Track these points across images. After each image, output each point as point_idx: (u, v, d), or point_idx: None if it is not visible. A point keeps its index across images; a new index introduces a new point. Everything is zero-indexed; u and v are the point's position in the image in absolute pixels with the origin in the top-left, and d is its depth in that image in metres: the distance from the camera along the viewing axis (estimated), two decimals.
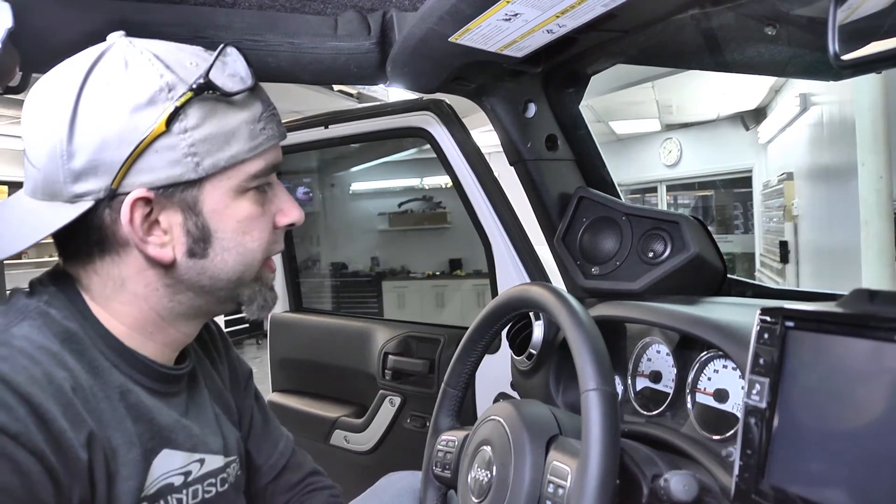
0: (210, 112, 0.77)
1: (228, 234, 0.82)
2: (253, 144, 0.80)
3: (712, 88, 6.78)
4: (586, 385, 0.76)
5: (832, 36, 0.71)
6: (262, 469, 1.12)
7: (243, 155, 0.80)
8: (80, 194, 0.75)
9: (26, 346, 0.72)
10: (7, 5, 0.81)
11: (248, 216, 0.83)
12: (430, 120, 1.75)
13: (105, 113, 0.73)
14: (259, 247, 0.85)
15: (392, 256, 8.63)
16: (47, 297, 0.79)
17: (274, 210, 0.87)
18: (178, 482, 0.84)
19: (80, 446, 0.70)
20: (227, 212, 0.81)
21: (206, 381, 0.99)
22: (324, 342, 2.34)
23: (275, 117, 0.85)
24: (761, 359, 0.76)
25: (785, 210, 6.43)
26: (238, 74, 0.80)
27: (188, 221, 0.79)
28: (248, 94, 0.80)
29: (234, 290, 0.87)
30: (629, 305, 1.17)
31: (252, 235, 0.84)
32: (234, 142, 0.79)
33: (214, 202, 0.80)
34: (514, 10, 0.88)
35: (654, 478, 0.85)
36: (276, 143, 0.85)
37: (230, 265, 0.84)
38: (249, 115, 0.81)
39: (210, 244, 0.82)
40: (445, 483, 1.06)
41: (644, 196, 10.02)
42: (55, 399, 0.69)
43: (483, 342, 1.07)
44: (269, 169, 0.84)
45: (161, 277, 0.82)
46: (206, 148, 0.76)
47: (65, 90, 0.74)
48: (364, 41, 1.16)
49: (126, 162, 0.73)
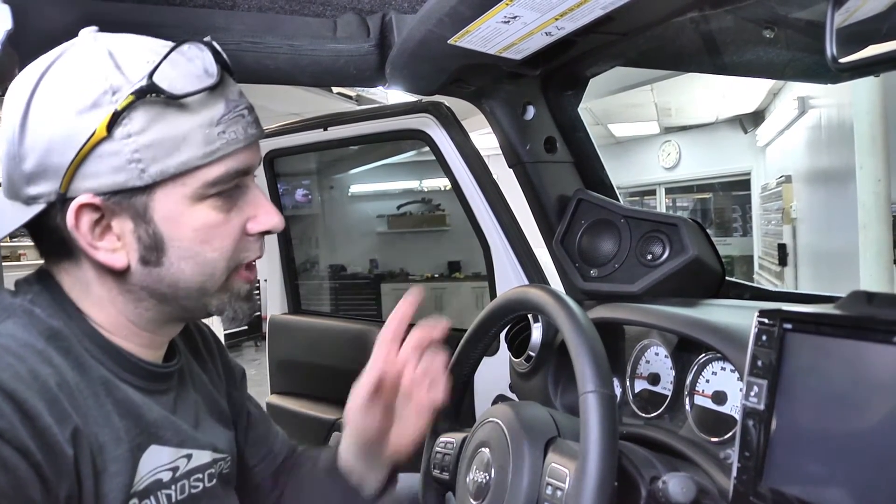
0: (157, 116, 0.72)
1: (185, 243, 0.78)
2: (208, 150, 0.75)
3: (711, 91, 6.79)
4: (585, 387, 0.76)
5: (830, 39, 0.71)
6: (262, 464, 1.12)
7: (196, 161, 0.75)
8: (33, 196, 0.74)
9: (11, 344, 0.71)
10: (6, 7, 0.81)
11: (207, 224, 0.79)
12: (429, 122, 1.75)
13: (52, 115, 0.71)
14: (221, 256, 0.81)
15: (391, 258, 8.62)
16: (31, 296, 0.79)
17: (244, 216, 0.82)
18: (167, 478, 0.83)
19: (66, 442, 0.70)
20: (183, 219, 0.77)
21: (195, 381, 0.98)
22: (323, 344, 2.33)
23: (242, 118, 0.78)
24: (759, 361, 0.76)
25: (783, 213, 6.44)
26: (195, 73, 0.75)
27: (139, 229, 0.76)
28: (207, 95, 0.75)
29: (200, 300, 0.83)
30: (628, 308, 1.17)
31: (212, 244, 0.80)
32: (184, 147, 0.74)
33: (167, 209, 0.76)
34: (514, 12, 0.88)
35: (652, 480, 0.85)
36: (242, 148, 0.78)
37: (188, 274, 0.80)
38: (205, 118, 0.75)
39: (164, 252, 0.78)
40: (444, 485, 1.06)
41: (643, 199, 10.03)
42: (40, 395, 0.69)
43: (482, 344, 1.07)
44: (232, 175, 0.78)
45: (119, 284, 0.80)
46: (151, 154, 0.72)
47: (21, 90, 0.73)
48: (363, 43, 1.16)
49: (70, 167, 0.71)
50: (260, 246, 0.86)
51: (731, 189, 9.36)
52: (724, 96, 7.12)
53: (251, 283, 0.87)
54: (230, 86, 0.79)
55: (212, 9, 1.09)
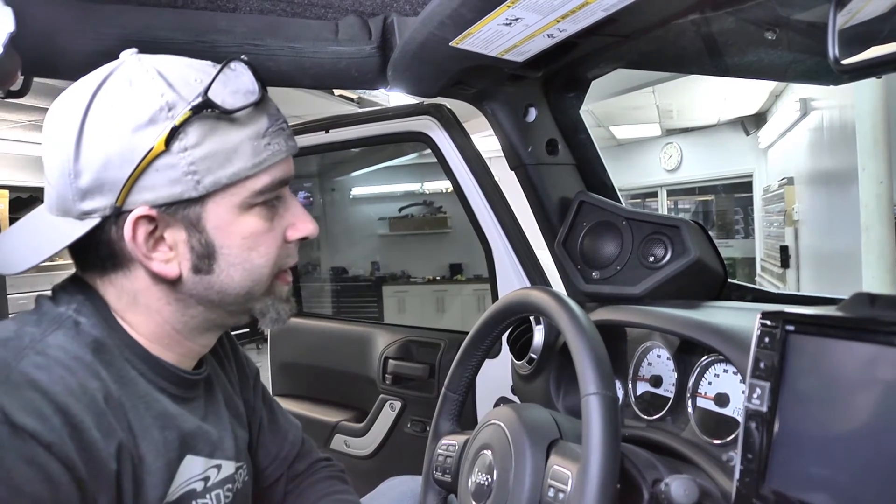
0: (210, 130, 0.76)
1: (234, 251, 0.82)
2: (256, 161, 0.79)
3: (713, 93, 6.78)
4: (587, 389, 0.76)
5: (832, 40, 0.71)
6: (272, 465, 1.13)
7: (246, 172, 0.79)
8: (87, 211, 0.76)
9: (61, 356, 0.73)
10: (9, 9, 0.81)
11: (255, 232, 0.82)
12: (431, 124, 1.75)
13: (108, 132, 0.74)
14: (267, 262, 0.85)
15: (392, 261, 8.63)
16: (76, 305, 0.80)
17: (285, 224, 0.86)
18: (200, 488, 0.86)
19: (110, 457, 0.72)
20: (232, 228, 0.81)
21: (219, 385, 1.00)
22: (324, 347, 2.33)
23: (283, 132, 0.83)
24: (762, 363, 0.76)
25: (785, 215, 6.43)
26: (243, 90, 0.79)
27: (192, 238, 0.79)
28: (253, 110, 0.79)
29: (245, 304, 0.87)
30: (630, 310, 1.17)
31: (259, 251, 0.84)
32: (235, 159, 0.78)
33: (218, 219, 0.80)
34: (515, 14, 0.88)
35: (654, 482, 0.85)
36: (284, 159, 0.83)
37: (237, 280, 0.83)
38: (253, 131, 0.79)
39: (215, 260, 0.81)
40: (446, 487, 1.05)
41: (644, 201, 10.02)
42: (89, 409, 0.71)
43: (483, 346, 1.07)
44: (276, 184, 0.83)
45: (170, 293, 0.82)
46: (206, 166, 0.76)
47: (73, 109, 0.75)
48: (365, 45, 1.16)
49: (128, 181, 0.74)
50: (297, 251, 0.91)
51: (733, 191, 9.35)
52: (725, 98, 7.11)
53: (290, 285, 0.92)
54: (269, 102, 0.83)
55: (213, 11, 1.09)
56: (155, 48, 0.82)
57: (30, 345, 0.73)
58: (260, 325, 0.90)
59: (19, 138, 6.68)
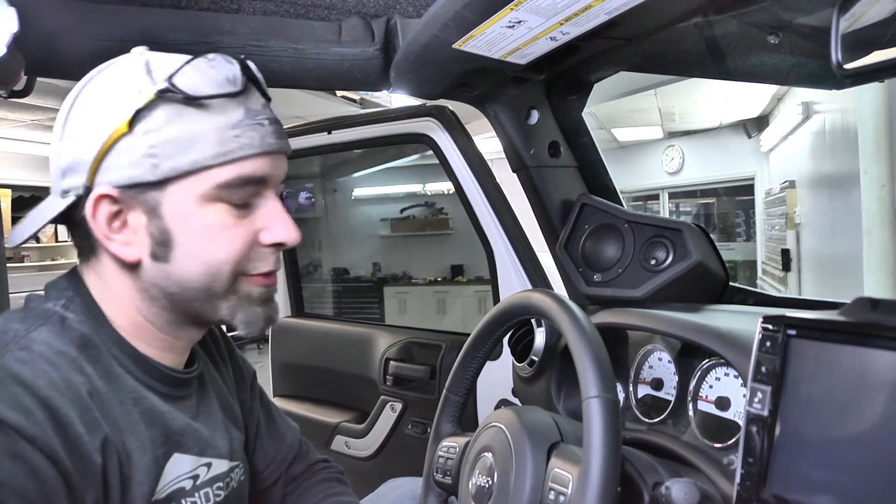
0: (176, 116, 0.76)
1: (191, 242, 0.79)
2: (219, 151, 0.77)
3: (715, 96, 6.78)
4: (588, 392, 0.76)
5: (835, 45, 0.71)
6: (269, 468, 1.12)
7: (207, 161, 0.76)
8: (66, 190, 0.79)
9: (45, 351, 0.73)
10: (13, 10, 0.81)
11: (215, 225, 0.79)
12: (433, 126, 1.76)
13: (87, 114, 0.77)
14: (226, 258, 0.80)
15: (394, 262, 8.63)
16: (64, 301, 0.81)
17: (258, 225, 0.83)
18: (189, 486, 0.85)
19: (95, 451, 0.71)
20: (191, 219, 0.79)
21: (214, 385, 0.99)
22: (325, 347, 2.34)
23: (260, 127, 0.80)
24: (763, 367, 0.76)
25: (787, 218, 6.43)
26: (219, 80, 0.77)
27: (151, 224, 0.79)
28: (228, 101, 0.78)
29: (209, 303, 0.83)
30: (631, 312, 1.17)
31: (217, 246, 0.80)
32: (197, 147, 0.76)
33: (176, 207, 0.78)
34: (518, 17, 0.88)
35: (655, 485, 0.85)
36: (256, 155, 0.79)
37: (194, 273, 0.80)
38: (222, 121, 0.77)
39: (171, 249, 0.79)
40: (446, 489, 1.05)
41: (646, 203, 10.02)
42: (73, 404, 0.71)
43: (485, 348, 1.07)
44: (243, 180, 0.79)
45: (135, 281, 0.82)
46: (166, 150, 0.75)
47: (71, 94, 0.79)
48: (368, 47, 1.16)
49: (94, 160, 0.76)
50: (275, 259, 0.85)
51: (735, 194, 9.34)
52: (727, 101, 7.11)
53: (267, 287, 0.86)
54: (254, 97, 0.82)
55: (217, 12, 1.09)
56: (158, 49, 0.82)
57: (13, 340, 0.73)
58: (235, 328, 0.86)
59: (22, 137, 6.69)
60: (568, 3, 0.84)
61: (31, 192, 7.72)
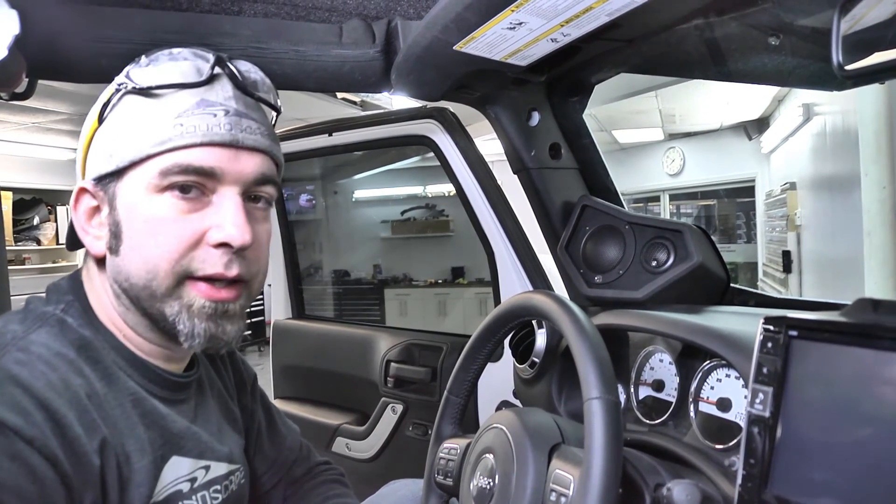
0: (131, 108, 0.78)
1: (134, 233, 0.78)
2: (160, 139, 0.75)
3: (715, 98, 6.78)
4: (589, 393, 0.76)
5: (836, 46, 0.71)
6: (270, 471, 1.12)
7: (148, 149, 0.76)
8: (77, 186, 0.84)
9: (44, 353, 0.73)
10: (15, 12, 0.81)
11: (157, 218, 0.77)
12: (434, 128, 1.76)
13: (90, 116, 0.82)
14: (163, 253, 0.76)
15: (394, 264, 8.63)
16: (63, 305, 0.81)
17: (207, 223, 0.78)
18: (186, 489, 0.85)
19: (94, 452, 0.71)
20: (138, 209, 0.78)
21: (212, 389, 0.99)
22: (326, 349, 2.33)
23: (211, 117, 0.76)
24: (764, 368, 0.76)
25: (788, 220, 6.42)
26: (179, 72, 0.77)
27: (110, 215, 0.80)
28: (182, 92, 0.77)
29: (154, 304, 0.79)
30: (632, 314, 1.17)
31: (157, 240, 0.76)
32: (143, 136, 0.76)
33: (127, 197, 0.79)
34: (519, 18, 0.88)
35: (656, 487, 0.85)
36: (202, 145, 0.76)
37: (135, 267, 0.78)
38: (170, 110, 0.76)
39: (121, 241, 0.79)
40: (447, 491, 1.05)
41: (647, 205, 10.01)
42: (71, 405, 0.71)
43: (486, 350, 1.07)
44: (182, 168, 0.76)
45: (105, 276, 0.83)
46: (120, 142, 0.78)
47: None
48: (369, 49, 1.16)
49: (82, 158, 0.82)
50: (225, 262, 0.78)
51: (736, 196, 9.34)
52: (728, 103, 7.11)
53: (213, 301, 0.79)
54: (219, 90, 0.79)
55: (218, 14, 1.09)
56: (159, 50, 0.82)
57: (11, 342, 0.73)
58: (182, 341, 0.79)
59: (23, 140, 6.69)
60: (569, 4, 0.84)
61: (32, 194, 7.73)
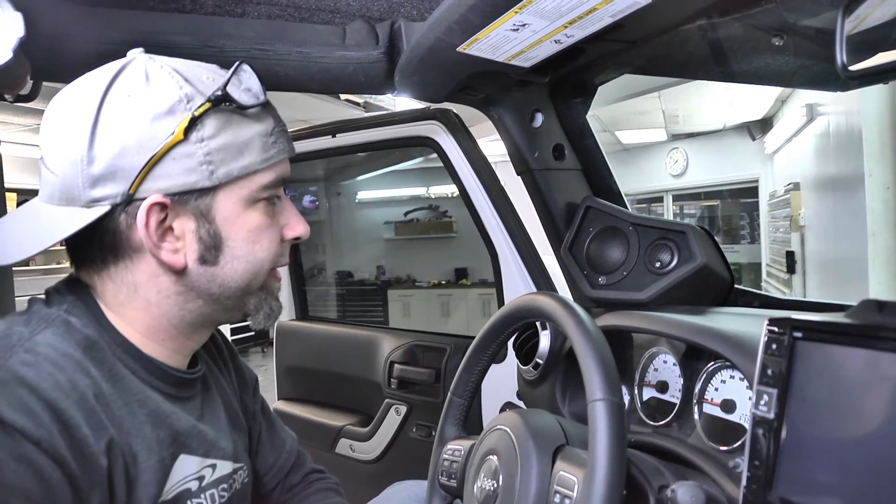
0: (226, 123, 0.79)
1: (239, 243, 0.84)
2: (265, 156, 0.83)
3: (718, 98, 6.77)
4: (593, 395, 0.76)
5: (840, 46, 0.71)
6: (269, 473, 1.13)
7: (256, 166, 0.82)
8: (97, 199, 0.76)
9: (50, 354, 0.73)
10: (19, 14, 0.81)
11: (258, 226, 0.85)
12: (438, 129, 1.76)
13: (126, 121, 0.75)
14: (267, 256, 0.87)
15: (398, 265, 8.63)
16: (67, 306, 0.81)
17: (282, 223, 0.89)
18: (195, 487, 0.86)
19: (101, 453, 0.72)
20: (239, 220, 0.83)
21: (216, 386, 1.00)
22: (329, 350, 2.34)
23: (284, 133, 0.88)
24: (769, 369, 0.76)
25: (791, 220, 6.41)
26: (252, 90, 0.82)
27: (201, 228, 0.81)
28: (261, 110, 0.84)
29: (241, 299, 0.88)
30: (636, 315, 1.17)
31: (261, 245, 0.86)
32: (247, 153, 0.81)
33: (227, 210, 0.82)
34: (523, 20, 0.88)
35: (660, 489, 0.84)
36: (286, 157, 0.87)
37: (239, 273, 0.85)
38: (263, 128, 0.83)
39: (221, 252, 0.83)
40: (451, 492, 1.05)
41: (650, 206, 10.00)
42: (78, 406, 0.71)
43: (489, 351, 1.07)
44: (279, 181, 0.86)
45: (173, 284, 0.83)
46: (220, 157, 0.79)
47: (87, 99, 0.77)
48: (372, 51, 1.16)
49: (144, 168, 0.75)
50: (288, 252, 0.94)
51: (739, 196, 9.33)
52: (731, 103, 7.10)
53: (279, 281, 0.95)
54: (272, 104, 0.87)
55: (222, 16, 1.09)
56: (163, 52, 0.83)
57: (18, 343, 0.73)
58: (251, 322, 0.92)
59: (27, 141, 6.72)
60: (572, 6, 0.84)
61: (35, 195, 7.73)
